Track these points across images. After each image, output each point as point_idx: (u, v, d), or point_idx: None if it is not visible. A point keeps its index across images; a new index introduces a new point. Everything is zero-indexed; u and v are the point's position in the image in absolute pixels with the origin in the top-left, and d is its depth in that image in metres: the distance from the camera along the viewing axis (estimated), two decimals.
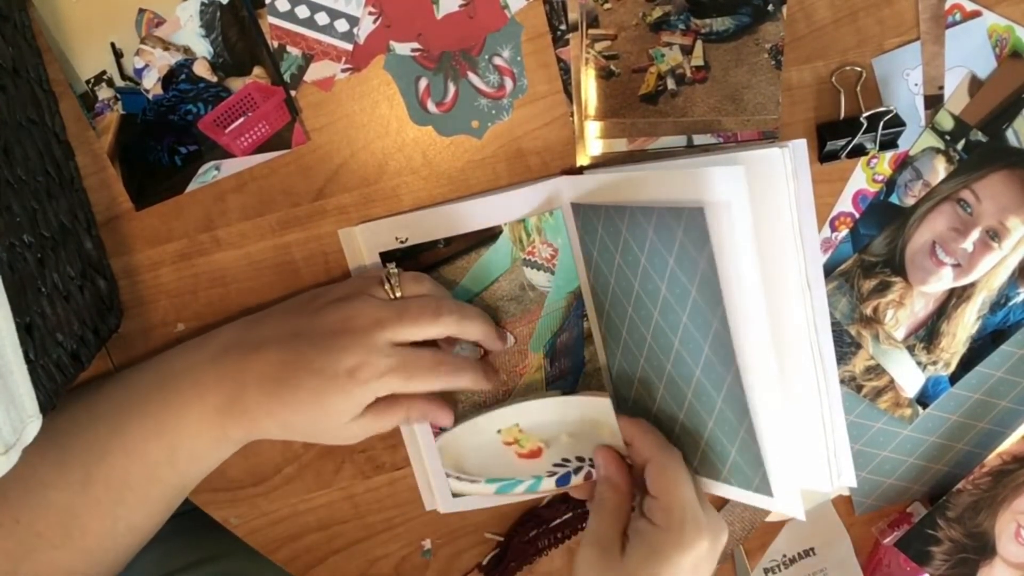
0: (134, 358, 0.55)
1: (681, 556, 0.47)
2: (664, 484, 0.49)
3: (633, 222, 0.49)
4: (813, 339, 0.49)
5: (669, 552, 0.47)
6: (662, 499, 0.49)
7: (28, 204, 0.43)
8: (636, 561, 0.48)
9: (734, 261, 0.44)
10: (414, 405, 0.52)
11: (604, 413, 0.53)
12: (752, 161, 0.47)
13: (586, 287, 0.56)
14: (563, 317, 0.56)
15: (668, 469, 0.50)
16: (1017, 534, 0.61)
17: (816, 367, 0.50)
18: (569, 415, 0.54)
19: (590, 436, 0.54)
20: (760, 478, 0.49)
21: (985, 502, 0.61)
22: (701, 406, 0.50)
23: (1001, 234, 0.58)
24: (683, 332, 0.49)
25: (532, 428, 0.55)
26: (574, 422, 0.54)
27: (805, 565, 0.65)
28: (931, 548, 0.62)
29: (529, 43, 0.53)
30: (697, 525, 0.48)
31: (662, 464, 0.50)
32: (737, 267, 0.44)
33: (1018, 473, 0.60)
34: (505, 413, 0.55)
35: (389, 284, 0.50)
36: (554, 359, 0.56)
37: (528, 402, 0.55)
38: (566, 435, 0.55)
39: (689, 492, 0.49)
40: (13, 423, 0.37)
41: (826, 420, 0.51)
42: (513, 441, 0.56)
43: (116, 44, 0.50)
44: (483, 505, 0.59)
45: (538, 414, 0.55)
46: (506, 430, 0.55)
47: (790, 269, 0.48)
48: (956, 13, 0.55)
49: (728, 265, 0.44)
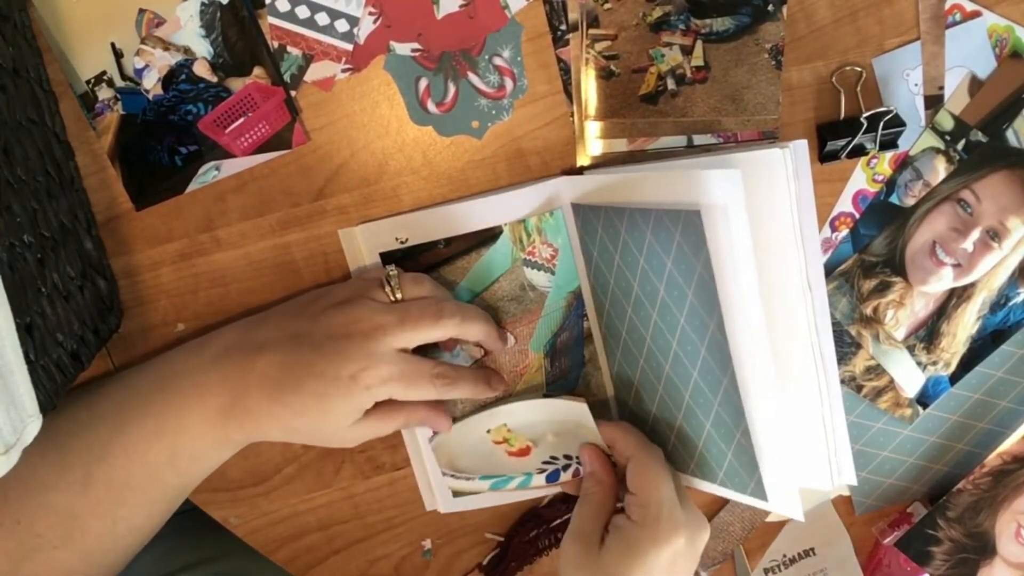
0: (134, 358, 0.55)
1: (656, 551, 0.47)
2: (642, 481, 0.50)
3: (632, 223, 0.49)
4: (814, 339, 0.49)
5: (645, 547, 0.48)
6: (640, 495, 0.49)
7: (28, 204, 0.43)
8: (612, 555, 0.48)
9: (731, 264, 0.44)
10: (414, 411, 0.53)
11: (582, 416, 0.53)
12: (753, 162, 0.47)
13: (586, 287, 0.56)
14: (563, 317, 0.56)
15: (646, 466, 0.50)
16: (1017, 534, 0.61)
17: (817, 366, 0.50)
18: (553, 416, 0.55)
19: (575, 436, 0.55)
20: (755, 482, 0.49)
21: (985, 502, 0.61)
22: (698, 408, 0.50)
23: (1001, 234, 0.58)
24: (681, 334, 0.49)
25: (520, 428, 0.55)
26: (558, 422, 0.55)
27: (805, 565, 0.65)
28: (931, 548, 0.62)
29: (529, 43, 0.53)
30: (673, 522, 0.48)
31: (641, 461, 0.50)
32: (734, 270, 0.44)
33: (1018, 473, 0.60)
34: (494, 413, 0.55)
35: (389, 286, 0.50)
36: (554, 359, 0.56)
37: (514, 403, 0.55)
38: (552, 435, 0.55)
39: (667, 489, 0.49)
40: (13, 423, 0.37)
41: (826, 419, 0.51)
42: (502, 440, 0.56)
43: (116, 44, 0.50)
44: (482, 505, 0.59)
45: (524, 414, 0.55)
46: (495, 430, 0.56)
47: (791, 270, 0.48)
48: (956, 13, 0.55)
49: (725, 268, 0.44)
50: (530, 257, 0.54)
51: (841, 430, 0.51)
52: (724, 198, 0.43)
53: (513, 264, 0.54)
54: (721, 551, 0.65)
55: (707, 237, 0.44)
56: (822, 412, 0.50)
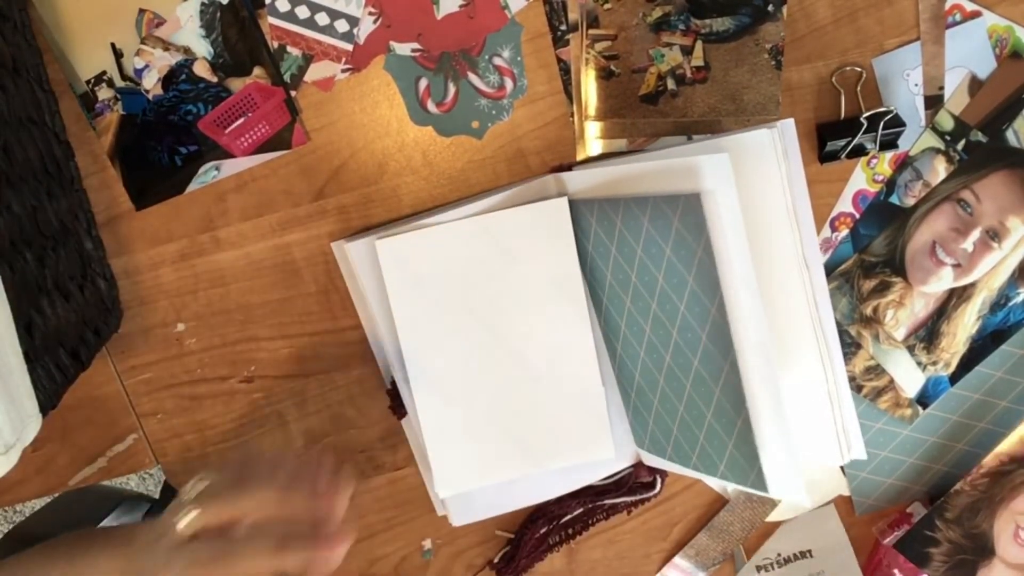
0: (134, 358, 0.55)
1: None
2: None
3: (628, 214, 0.49)
4: (815, 316, 0.50)
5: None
6: None
7: (28, 204, 0.43)
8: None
9: (729, 245, 0.44)
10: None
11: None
12: (742, 144, 0.47)
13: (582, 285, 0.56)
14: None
15: None
16: (1016, 535, 0.60)
17: (819, 343, 0.50)
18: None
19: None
20: (756, 472, 0.49)
21: (983, 503, 0.60)
22: (700, 397, 0.50)
23: (1001, 234, 0.58)
24: (681, 322, 0.49)
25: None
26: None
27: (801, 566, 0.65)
28: (930, 549, 0.61)
29: (529, 43, 0.53)
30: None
31: None
32: (733, 251, 0.45)
33: (1016, 474, 0.60)
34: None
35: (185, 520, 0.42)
36: None
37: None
38: None
39: None
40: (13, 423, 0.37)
41: (832, 395, 0.51)
42: None
43: (116, 44, 0.50)
44: (494, 514, 0.59)
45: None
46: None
47: (787, 248, 0.49)
48: (956, 13, 0.55)
49: (722, 251, 0.45)
50: None
51: (848, 405, 0.52)
52: (715, 182, 0.44)
53: None
54: (721, 551, 0.65)
55: (707, 220, 0.44)
56: (827, 388, 0.51)
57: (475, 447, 0.57)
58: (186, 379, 0.57)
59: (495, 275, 0.53)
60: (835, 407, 0.52)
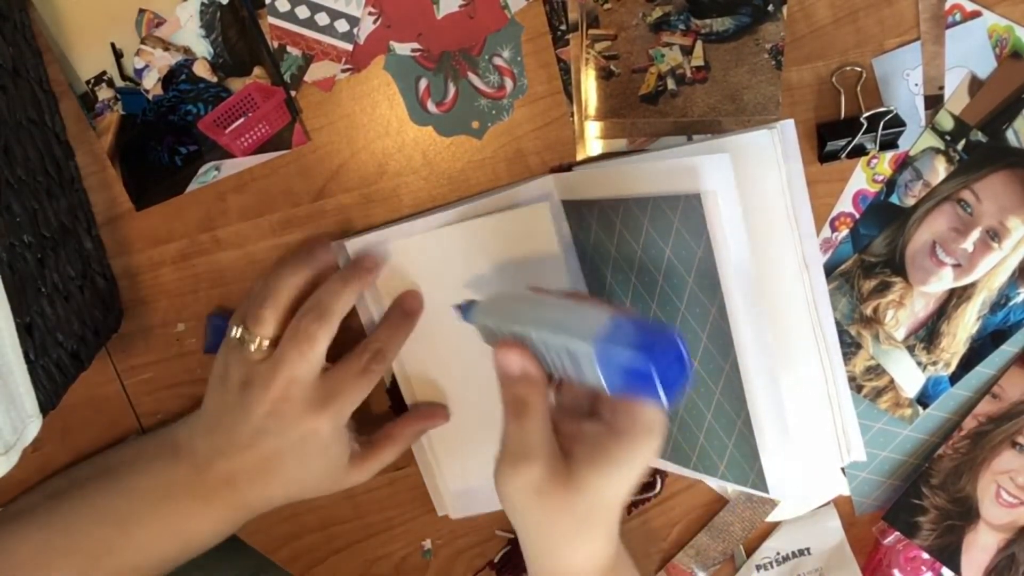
0: (134, 358, 0.55)
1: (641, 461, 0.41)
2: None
3: (628, 214, 0.49)
4: (814, 315, 0.50)
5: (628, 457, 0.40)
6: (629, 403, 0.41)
7: (28, 204, 0.43)
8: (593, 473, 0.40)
9: (726, 247, 0.45)
10: (402, 432, 0.54)
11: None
12: (741, 145, 0.47)
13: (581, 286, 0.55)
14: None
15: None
16: (998, 495, 0.61)
17: (819, 344, 0.50)
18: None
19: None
20: (756, 472, 0.49)
21: (966, 465, 0.61)
22: (699, 398, 0.50)
23: (1001, 234, 0.58)
24: (681, 323, 0.49)
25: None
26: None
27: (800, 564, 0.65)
28: (918, 519, 0.62)
29: (529, 43, 0.53)
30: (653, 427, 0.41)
31: None
32: (732, 252, 0.45)
33: (994, 433, 0.61)
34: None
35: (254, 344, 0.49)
36: None
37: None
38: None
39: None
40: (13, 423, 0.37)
41: (832, 396, 0.51)
42: None
43: (116, 44, 0.50)
44: (493, 509, 0.59)
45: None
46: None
47: (787, 249, 0.49)
48: (956, 13, 0.55)
49: (722, 251, 0.45)
50: None
51: (848, 406, 0.52)
52: (715, 183, 0.44)
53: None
54: (721, 551, 0.65)
55: (707, 221, 0.44)
56: (827, 389, 0.51)
57: (475, 447, 0.57)
58: (186, 379, 0.57)
59: (487, 279, 0.54)
60: (835, 408, 0.51)
